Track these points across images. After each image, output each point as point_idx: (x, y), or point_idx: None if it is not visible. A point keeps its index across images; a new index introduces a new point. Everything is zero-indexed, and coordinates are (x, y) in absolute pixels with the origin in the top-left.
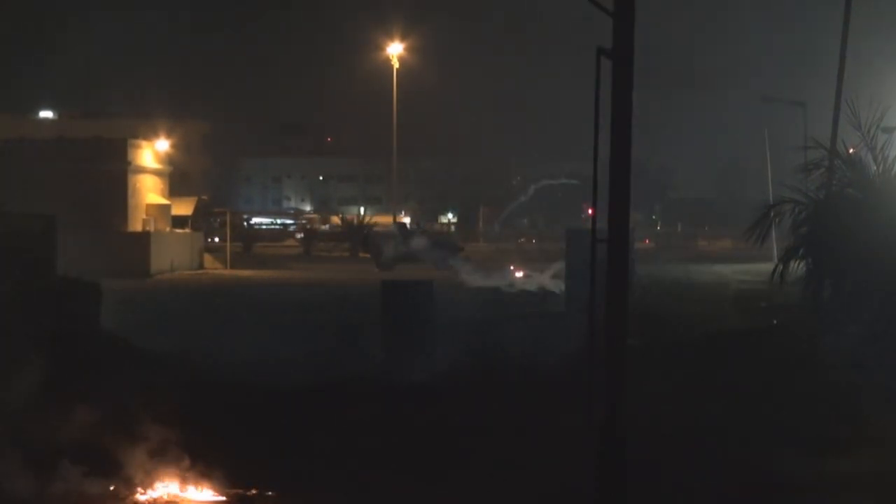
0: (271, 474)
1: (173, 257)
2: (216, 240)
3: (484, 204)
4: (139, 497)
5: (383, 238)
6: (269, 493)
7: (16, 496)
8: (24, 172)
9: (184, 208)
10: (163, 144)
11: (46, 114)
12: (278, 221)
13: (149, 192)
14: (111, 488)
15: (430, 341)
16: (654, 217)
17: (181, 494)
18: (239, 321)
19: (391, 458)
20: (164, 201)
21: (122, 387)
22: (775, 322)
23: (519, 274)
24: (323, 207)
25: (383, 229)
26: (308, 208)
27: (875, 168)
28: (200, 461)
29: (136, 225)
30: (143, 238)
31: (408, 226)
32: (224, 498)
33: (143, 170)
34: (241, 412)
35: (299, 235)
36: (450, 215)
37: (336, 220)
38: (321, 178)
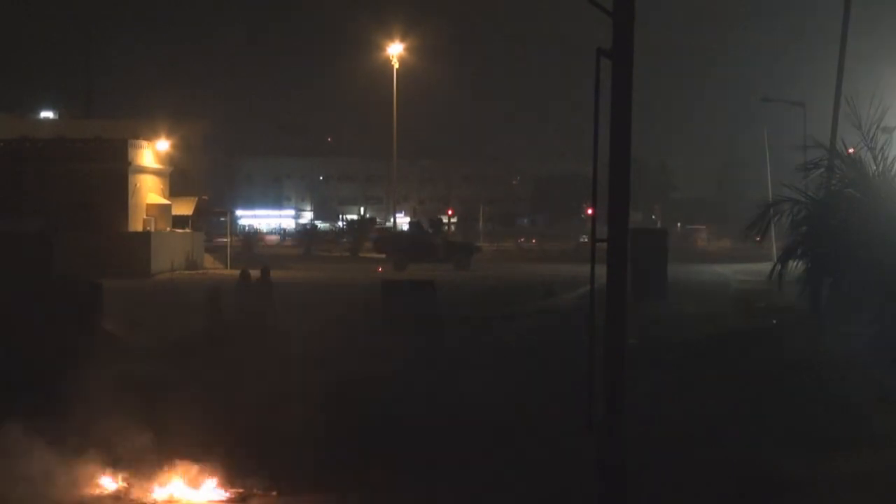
0: (272, 473)
1: (174, 257)
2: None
3: (484, 203)
4: (139, 497)
5: (398, 237)
6: (273, 492)
7: None
8: (24, 172)
9: (184, 208)
10: (163, 144)
11: (46, 114)
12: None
13: (149, 191)
14: (111, 488)
15: (433, 339)
16: (653, 217)
17: (180, 493)
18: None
19: (390, 458)
20: (165, 201)
21: (121, 384)
22: (774, 322)
23: None
24: (323, 207)
25: (399, 228)
26: (308, 208)
27: (875, 168)
28: (198, 459)
29: (136, 225)
30: (144, 238)
31: (423, 225)
32: (224, 497)
33: (143, 170)
34: (240, 410)
35: None
36: (449, 212)
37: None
38: (321, 178)
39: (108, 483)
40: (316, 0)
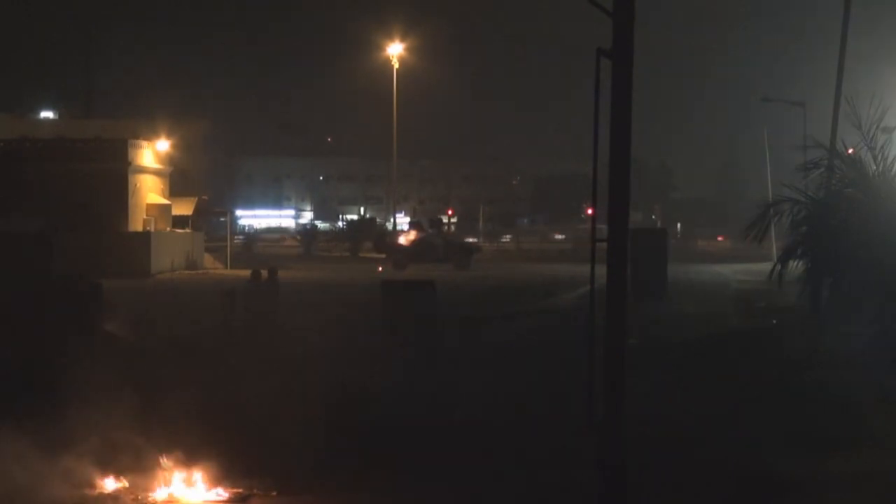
0: (272, 473)
1: (174, 257)
2: None
3: (484, 203)
4: (138, 497)
5: (398, 237)
6: (273, 492)
7: None
8: (24, 172)
9: (184, 208)
10: (163, 144)
11: (46, 114)
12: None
13: (149, 191)
14: (111, 488)
15: (433, 339)
16: (653, 217)
17: (180, 493)
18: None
19: (390, 458)
20: (165, 201)
21: (121, 384)
22: (774, 322)
23: None
24: (323, 207)
25: (398, 228)
26: (308, 208)
27: (875, 168)
28: (197, 459)
29: (136, 225)
30: (144, 238)
31: (424, 224)
32: (224, 497)
33: (143, 170)
34: (240, 410)
35: None
36: (449, 212)
37: None
38: (321, 178)
39: (108, 483)
40: (316, 0)
